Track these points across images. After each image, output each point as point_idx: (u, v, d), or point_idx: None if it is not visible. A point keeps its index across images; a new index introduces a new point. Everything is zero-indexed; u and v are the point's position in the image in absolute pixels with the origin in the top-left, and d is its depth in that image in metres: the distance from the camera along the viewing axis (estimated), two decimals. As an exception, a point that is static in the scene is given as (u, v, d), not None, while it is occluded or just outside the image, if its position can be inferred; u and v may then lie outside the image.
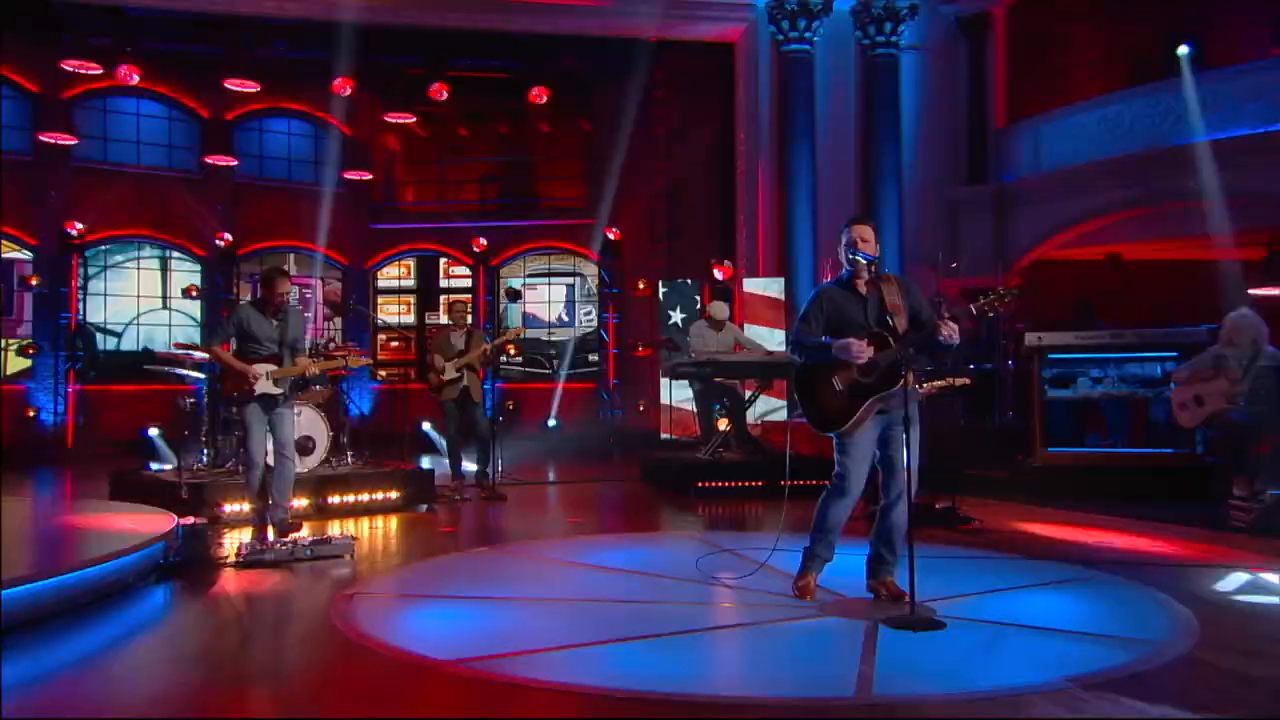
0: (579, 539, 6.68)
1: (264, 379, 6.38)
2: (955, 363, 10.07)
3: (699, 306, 12.00)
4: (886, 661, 3.68)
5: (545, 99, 14.09)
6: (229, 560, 5.67)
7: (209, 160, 14.63)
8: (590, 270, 15.99)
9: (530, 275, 16.54)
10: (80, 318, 14.09)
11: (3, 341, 13.73)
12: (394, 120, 14.91)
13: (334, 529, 7.12)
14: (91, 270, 14.60)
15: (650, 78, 14.10)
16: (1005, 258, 13.07)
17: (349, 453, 8.65)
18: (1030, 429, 8.98)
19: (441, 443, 11.64)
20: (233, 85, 13.37)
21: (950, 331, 4.13)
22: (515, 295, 15.46)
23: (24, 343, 13.61)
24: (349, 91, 13.42)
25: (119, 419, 13.41)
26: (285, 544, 5.80)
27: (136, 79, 13.22)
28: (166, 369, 9.26)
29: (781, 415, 11.04)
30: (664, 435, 12.07)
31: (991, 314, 4.10)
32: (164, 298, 15.12)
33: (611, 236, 14.72)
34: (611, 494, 9.43)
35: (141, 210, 14.70)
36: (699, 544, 6.08)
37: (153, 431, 12.04)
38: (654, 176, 14.96)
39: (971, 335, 11.03)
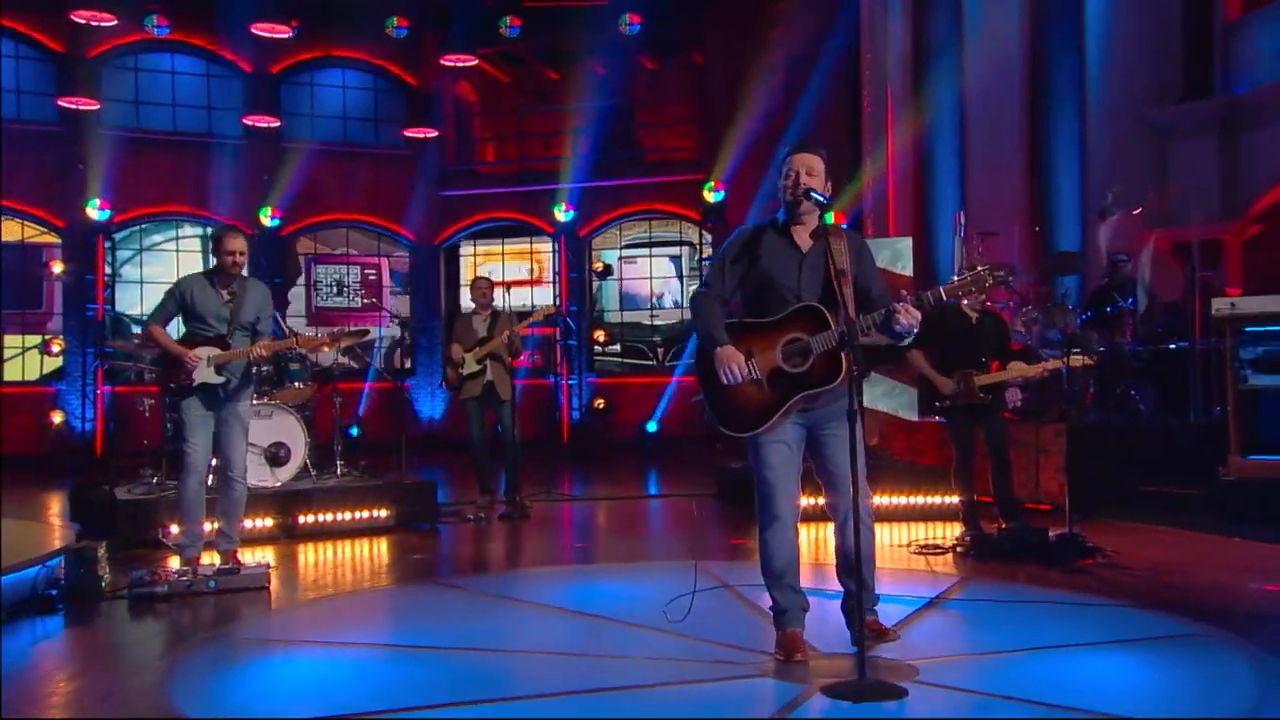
0: (561, 569, 6.78)
1: (203, 364, 6.33)
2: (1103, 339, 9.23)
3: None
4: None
5: (644, 28, 13.93)
6: (116, 593, 5.81)
7: (249, 122, 15.32)
8: (706, 238, 15.73)
9: (627, 245, 16.52)
10: (110, 309, 15.08)
11: (22, 340, 14.85)
12: (460, 64, 15.15)
13: (304, 555, 7.34)
14: (124, 254, 15.63)
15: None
16: (1236, 198, 11.84)
17: (340, 463, 8.79)
18: (1224, 429, 8.08)
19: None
20: (261, 31, 13.92)
21: (911, 319, 3.90)
22: (607, 271, 15.42)
23: (44, 339, 14.66)
24: (408, 33, 13.69)
25: (156, 425, 14.25)
26: (183, 573, 5.88)
27: (166, 30, 14.02)
28: (128, 363, 9.67)
29: (903, 410, 10.46)
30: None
31: (968, 299, 3.69)
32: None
33: (712, 195, 14.39)
34: (664, 514, 9.36)
35: (179, 183, 15.60)
36: (703, 578, 5.83)
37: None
38: (771, 117, 14.52)
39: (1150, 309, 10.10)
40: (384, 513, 8.17)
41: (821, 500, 7.76)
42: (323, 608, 5.80)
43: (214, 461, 6.65)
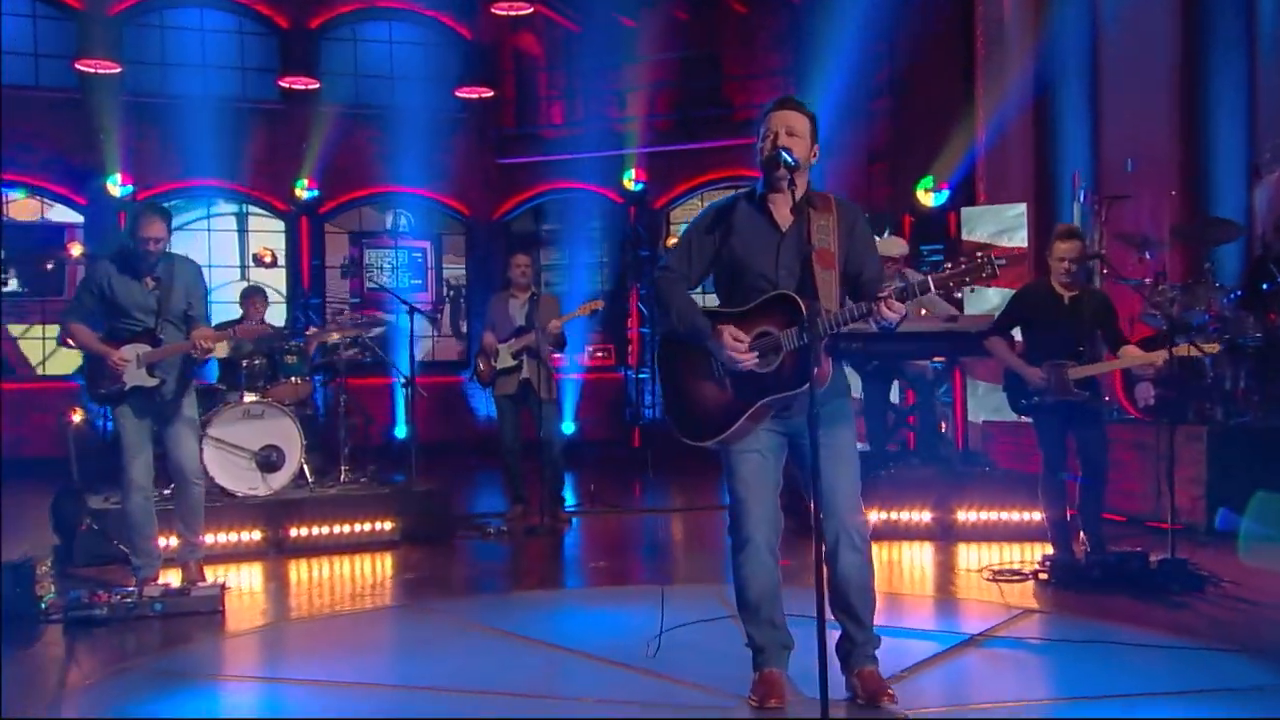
0: (561, 594, 6.84)
1: (132, 365, 6.38)
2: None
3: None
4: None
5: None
6: (54, 615, 5.90)
7: (285, 84, 15.57)
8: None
9: None
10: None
11: (43, 330, 15.36)
12: (515, 13, 15.11)
13: (291, 573, 7.47)
14: (152, 234, 16.03)
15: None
16: None
17: (344, 469, 8.87)
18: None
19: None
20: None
21: (894, 313, 3.86)
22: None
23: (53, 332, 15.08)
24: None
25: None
26: (126, 595, 5.95)
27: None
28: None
29: (994, 411, 10.12)
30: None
31: (959, 291, 3.89)
32: (242, 268, 16.34)
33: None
34: (719, 528, 9.05)
35: (210, 154, 15.85)
36: (717, 606, 5.79)
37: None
38: (872, 66, 14.14)
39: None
40: (388, 525, 8.20)
41: (883, 514, 7.98)
42: (273, 635, 5.88)
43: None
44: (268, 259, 15.15)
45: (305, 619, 6.16)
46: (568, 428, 14.65)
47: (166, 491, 7.26)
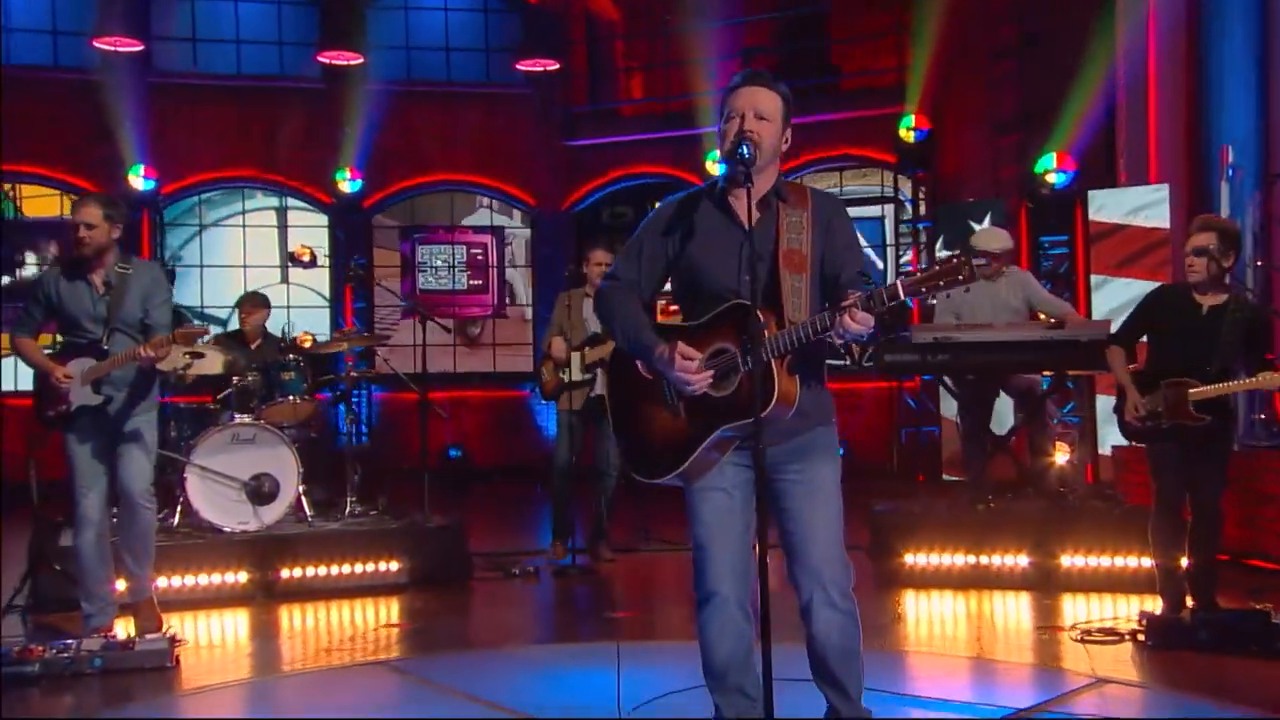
0: (552, 650, 6.80)
1: (76, 382, 6.45)
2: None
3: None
4: None
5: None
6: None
7: (326, 59, 15.75)
8: (902, 192, 15.13)
9: None
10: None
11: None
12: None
13: (278, 620, 7.53)
14: (182, 233, 16.40)
15: None
16: None
17: (350, 500, 8.92)
18: None
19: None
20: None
21: (859, 325, 3.73)
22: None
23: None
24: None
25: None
26: (63, 649, 5.98)
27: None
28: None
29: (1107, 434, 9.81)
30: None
31: (932, 297, 3.73)
32: (283, 267, 16.61)
33: (911, 133, 13.76)
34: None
35: (243, 141, 16.24)
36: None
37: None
38: (995, 21, 13.78)
39: None
40: (394, 566, 8.23)
41: (969, 557, 7.74)
42: (219, 698, 5.85)
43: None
44: (306, 258, 15.20)
45: (260, 680, 6.17)
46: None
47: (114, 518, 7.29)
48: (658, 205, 4.33)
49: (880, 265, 15.73)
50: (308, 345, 9.51)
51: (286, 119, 16.25)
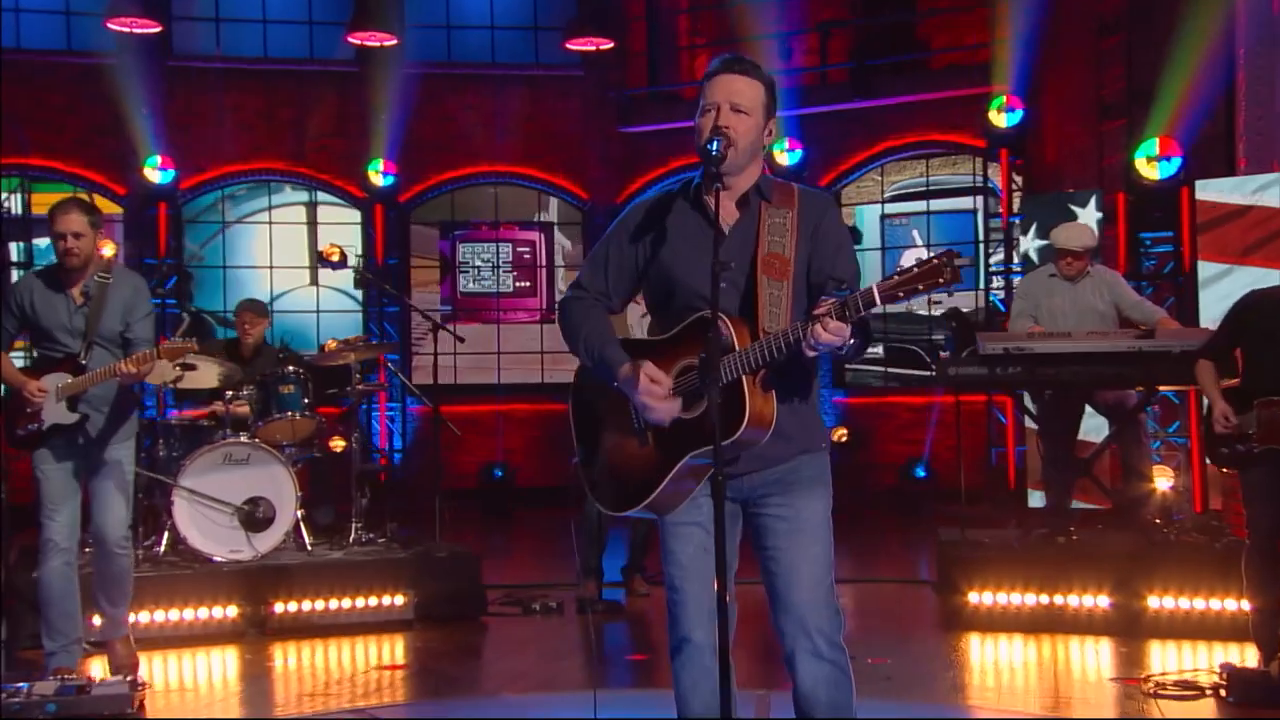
0: (545, 699, 6.76)
1: (50, 399, 6.51)
2: None
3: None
4: None
5: None
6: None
7: (358, 40, 15.79)
8: (992, 182, 14.92)
9: (894, 196, 16.04)
10: (181, 305, 15.94)
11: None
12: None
13: (270, 659, 7.56)
14: (202, 229, 16.57)
15: None
16: None
17: (355, 527, 8.95)
18: None
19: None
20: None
21: (830, 335, 3.68)
22: (853, 236, 14.84)
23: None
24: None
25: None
26: (13, 693, 6.01)
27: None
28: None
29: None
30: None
31: (910, 300, 3.73)
32: (312, 269, 16.71)
33: (1003, 116, 13.52)
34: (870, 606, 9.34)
35: (270, 130, 16.35)
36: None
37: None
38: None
39: None
40: (399, 600, 8.24)
41: (1042, 597, 7.57)
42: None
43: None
44: (335, 257, 15.28)
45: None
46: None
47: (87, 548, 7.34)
48: (631, 207, 4.30)
49: (971, 258, 15.44)
50: (331, 351, 9.48)
51: (316, 106, 16.36)
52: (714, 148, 3.86)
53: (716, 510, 3.62)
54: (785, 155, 14.98)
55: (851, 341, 3.70)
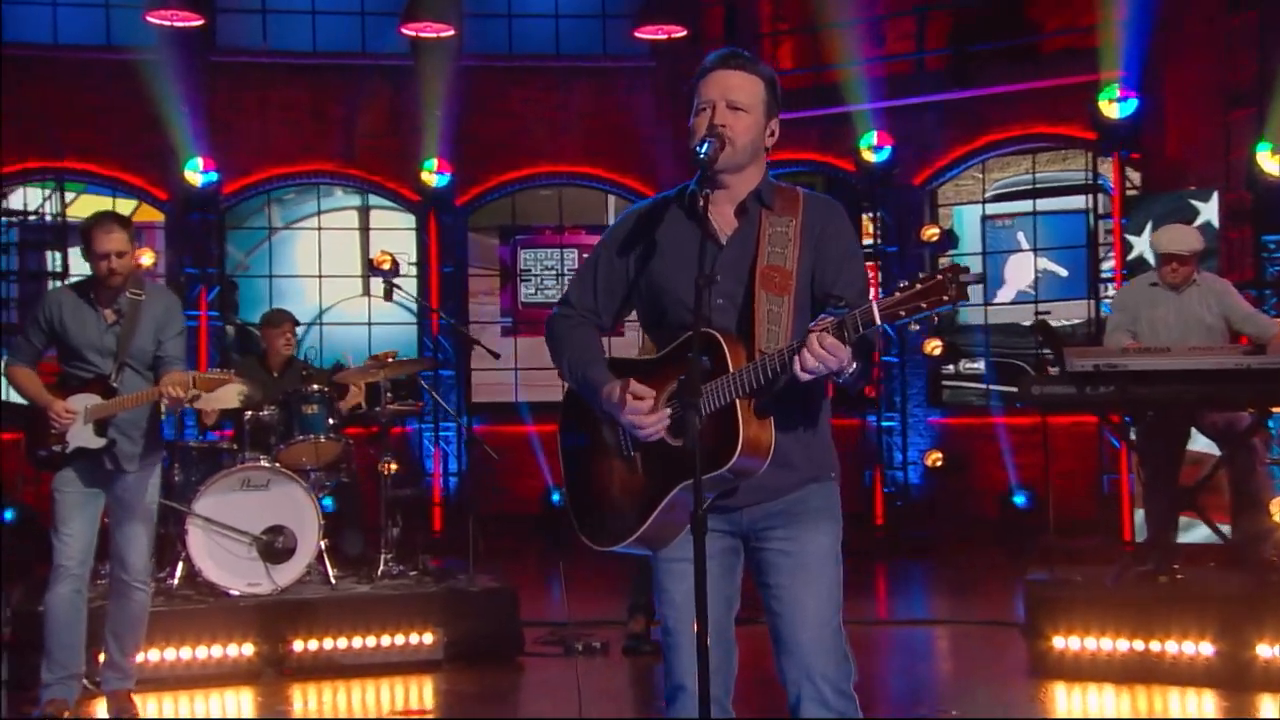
0: None
1: (78, 421, 6.62)
2: None
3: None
4: None
5: None
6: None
7: (412, 31, 15.85)
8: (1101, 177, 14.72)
9: (997, 196, 15.89)
10: (223, 316, 16.08)
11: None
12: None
13: (289, 702, 7.60)
14: (247, 236, 16.71)
15: None
16: None
17: (385, 558, 8.94)
18: None
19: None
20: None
21: (821, 356, 3.68)
22: (947, 240, 14.68)
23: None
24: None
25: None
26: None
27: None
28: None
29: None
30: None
31: (913, 320, 3.71)
32: (365, 278, 16.77)
33: (1116, 106, 13.28)
34: (932, 650, 9.45)
35: (320, 129, 16.45)
36: None
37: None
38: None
39: None
40: (428, 638, 8.25)
41: (1136, 643, 7.37)
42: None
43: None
44: (387, 265, 15.36)
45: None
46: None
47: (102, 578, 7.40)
48: (625, 213, 4.34)
49: (1082, 263, 15.27)
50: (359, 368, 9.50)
51: (368, 103, 16.44)
52: (703, 150, 3.87)
53: (696, 546, 3.62)
54: (873, 152, 14.86)
55: (853, 366, 3.68)
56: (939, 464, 14.80)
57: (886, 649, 9.48)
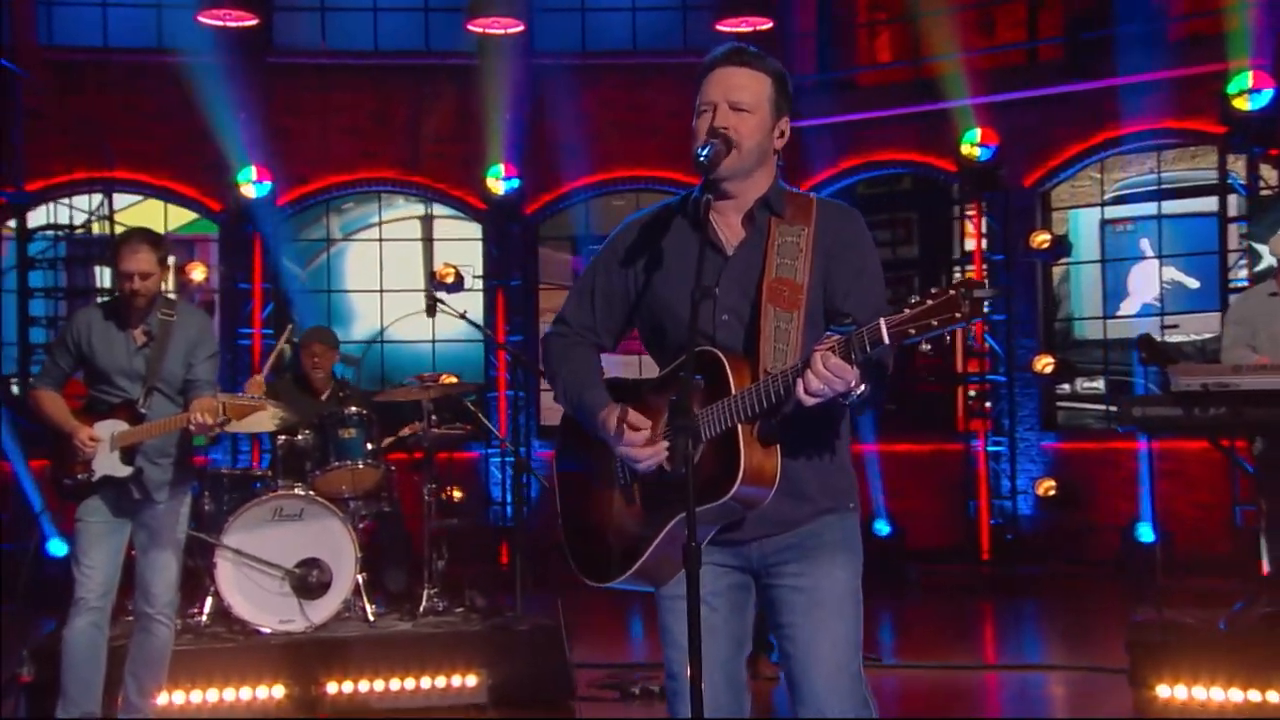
0: None
1: (104, 448, 6.72)
2: None
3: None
4: None
5: None
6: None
7: (479, 28, 15.95)
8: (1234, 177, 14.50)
9: (1117, 198, 15.78)
10: (277, 334, 16.20)
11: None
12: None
13: None
14: (305, 250, 16.90)
15: None
16: None
17: (429, 593, 8.96)
18: None
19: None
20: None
21: (825, 377, 3.69)
22: (1060, 247, 14.57)
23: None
24: None
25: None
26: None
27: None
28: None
29: None
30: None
31: (925, 341, 3.66)
32: (428, 291, 16.81)
33: (1247, 98, 13.09)
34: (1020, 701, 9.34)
35: (381, 134, 16.58)
36: None
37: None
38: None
39: None
40: (472, 680, 8.27)
41: (1234, 691, 7.24)
42: None
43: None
44: (450, 279, 15.46)
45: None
46: (880, 525, 14.31)
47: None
48: (621, 225, 4.37)
49: (1213, 270, 15.02)
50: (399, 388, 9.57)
51: (433, 105, 16.57)
52: (703, 155, 3.89)
53: (689, 578, 3.61)
54: (976, 149, 14.74)
55: (861, 388, 3.67)
56: (1052, 493, 14.65)
57: (978, 695, 9.50)
